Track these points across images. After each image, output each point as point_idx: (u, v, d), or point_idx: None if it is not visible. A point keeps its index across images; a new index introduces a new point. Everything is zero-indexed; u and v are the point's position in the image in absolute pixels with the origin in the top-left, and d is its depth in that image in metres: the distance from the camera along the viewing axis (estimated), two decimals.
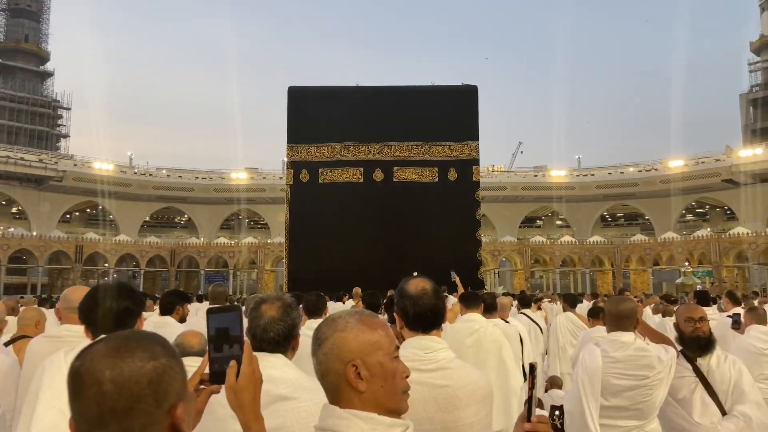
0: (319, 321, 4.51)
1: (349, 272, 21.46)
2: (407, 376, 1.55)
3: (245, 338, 1.45)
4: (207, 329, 1.40)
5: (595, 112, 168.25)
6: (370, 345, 1.49)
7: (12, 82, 63.39)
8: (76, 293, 3.21)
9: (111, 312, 2.47)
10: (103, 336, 1.24)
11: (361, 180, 27.00)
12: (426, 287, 2.45)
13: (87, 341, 2.44)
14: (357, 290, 11.77)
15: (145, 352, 1.05)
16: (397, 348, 1.56)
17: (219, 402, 1.49)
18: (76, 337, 2.77)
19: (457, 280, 9.80)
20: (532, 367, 1.55)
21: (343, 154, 27.26)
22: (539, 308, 11.76)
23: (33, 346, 3.31)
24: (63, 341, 2.97)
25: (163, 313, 5.09)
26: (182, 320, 5.07)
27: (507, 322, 6.61)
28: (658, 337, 3.52)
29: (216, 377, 1.38)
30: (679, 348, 3.47)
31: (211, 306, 1.49)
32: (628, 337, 3.35)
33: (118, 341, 1.07)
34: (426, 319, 2.34)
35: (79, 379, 1.02)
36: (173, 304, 5.12)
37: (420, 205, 26.12)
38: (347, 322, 1.52)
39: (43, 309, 10.58)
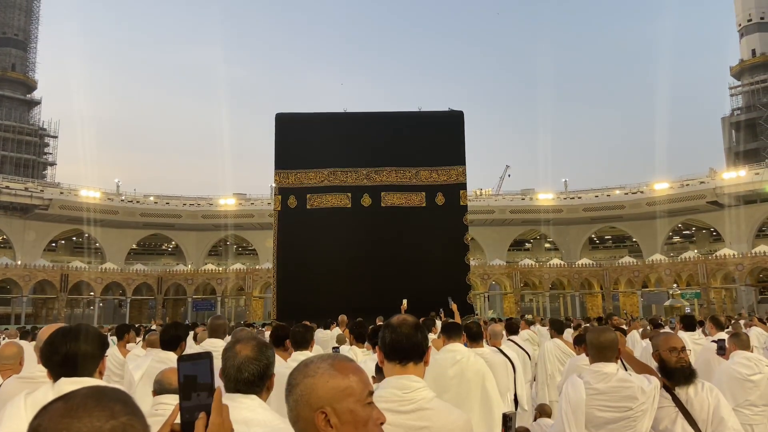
0: (306, 353, 4.48)
1: (337, 298, 21.34)
2: (382, 423, 1.51)
3: (217, 386, 1.36)
4: (177, 377, 1.35)
5: (580, 135, 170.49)
6: (340, 391, 1.45)
7: None
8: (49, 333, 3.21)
9: (70, 357, 2.44)
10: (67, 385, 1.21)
11: (349, 205, 27.01)
12: (407, 319, 2.44)
13: (50, 383, 2.45)
14: (342, 317, 11.69)
15: (103, 411, 1.02)
16: (371, 393, 1.51)
17: None
18: (48, 379, 2.75)
19: (454, 307, 9.78)
20: (506, 417, 1.53)
21: (330, 180, 27.30)
22: (529, 326, 11.70)
23: (5, 387, 3.30)
24: (36, 382, 2.94)
25: (165, 348, 4.86)
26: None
27: (500, 350, 6.57)
28: (641, 367, 3.50)
29: (186, 427, 1.30)
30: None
31: (182, 354, 1.43)
32: (610, 368, 3.32)
33: (76, 400, 1.04)
34: (401, 349, 2.32)
35: None
36: (179, 339, 4.92)
37: (408, 230, 26.13)
38: (318, 368, 1.49)
39: (24, 342, 10.41)
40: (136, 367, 5.17)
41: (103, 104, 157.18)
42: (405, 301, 12.94)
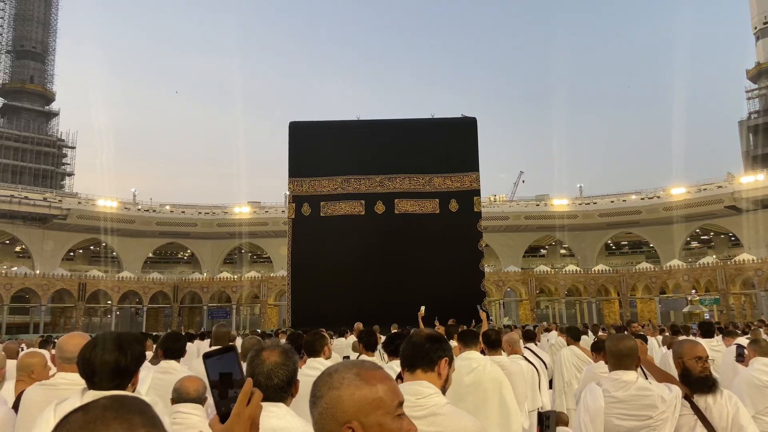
0: (320, 360, 4.47)
1: (352, 305, 21.36)
2: None
3: (246, 378, 1.39)
4: (207, 374, 1.37)
5: (595, 140, 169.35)
6: (367, 404, 1.35)
7: (17, 122, 64.22)
8: (70, 343, 3.21)
9: (99, 368, 2.42)
10: (94, 397, 1.21)
11: (363, 213, 27.07)
12: (425, 331, 2.53)
13: (79, 392, 2.45)
14: (358, 325, 11.67)
15: (122, 423, 1.01)
16: (401, 404, 1.42)
17: None
18: (71, 386, 2.76)
19: (483, 316, 9.74)
20: (543, 416, 1.50)
21: (344, 188, 27.38)
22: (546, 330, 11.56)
23: (28, 394, 3.30)
24: (58, 389, 2.98)
25: (167, 356, 4.84)
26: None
27: (524, 357, 6.52)
28: (662, 376, 3.45)
29: (224, 419, 1.35)
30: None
31: (206, 351, 1.45)
32: (629, 375, 3.28)
33: (95, 411, 1.03)
34: (406, 356, 2.42)
35: None
36: (181, 348, 4.92)
37: (422, 237, 26.11)
38: (343, 378, 1.39)
39: (44, 351, 10.52)
40: (141, 381, 5.15)
41: (119, 114, 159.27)
42: (423, 308, 12.91)
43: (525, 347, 8.30)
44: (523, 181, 73.73)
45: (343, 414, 1.34)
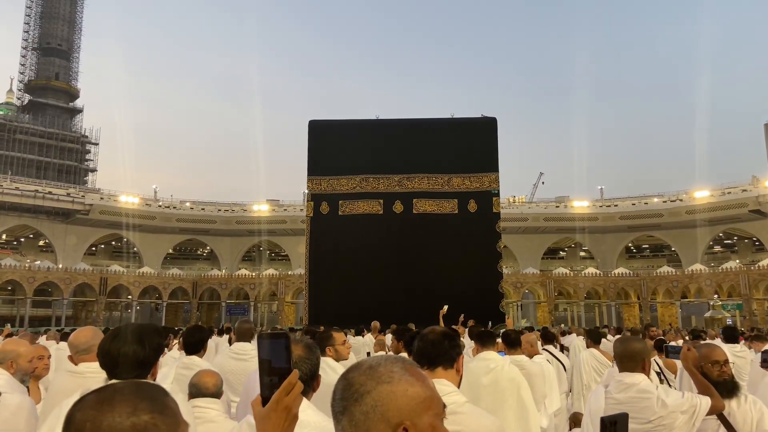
0: (325, 359, 4.40)
1: (369, 304, 21.34)
2: None
3: (291, 367, 1.34)
4: (258, 353, 1.36)
5: (617, 142, 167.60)
6: (420, 402, 1.18)
7: (42, 119, 65.36)
8: (80, 337, 3.34)
9: (118, 358, 2.43)
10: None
11: (381, 212, 27.05)
12: (438, 328, 2.55)
13: (103, 380, 2.42)
14: (375, 324, 11.63)
15: (127, 407, 1.04)
16: (446, 406, 1.27)
17: None
18: (96, 374, 2.78)
19: (509, 322, 9.66)
20: (606, 423, 1.39)
21: (363, 187, 27.39)
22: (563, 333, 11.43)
23: (55, 382, 3.43)
24: (84, 377, 3.09)
25: (189, 352, 4.81)
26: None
27: (553, 355, 6.45)
28: (704, 387, 3.35)
29: (264, 403, 1.34)
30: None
31: (261, 332, 1.43)
32: (632, 378, 3.25)
33: (106, 394, 1.07)
34: (426, 354, 2.42)
35: (67, 425, 1.05)
36: (202, 343, 4.88)
37: (440, 237, 26.02)
38: (392, 372, 1.21)
39: (63, 343, 10.66)
40: (164, 377, 5.18)
41: (142, 111, 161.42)
42: (445, 307, 12.84)
43: (543, 349, 8.22)
44: (543, 183, 73.11)
45: (397, 413, 1.16)
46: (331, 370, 3.89)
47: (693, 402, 3.11)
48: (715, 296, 43.67)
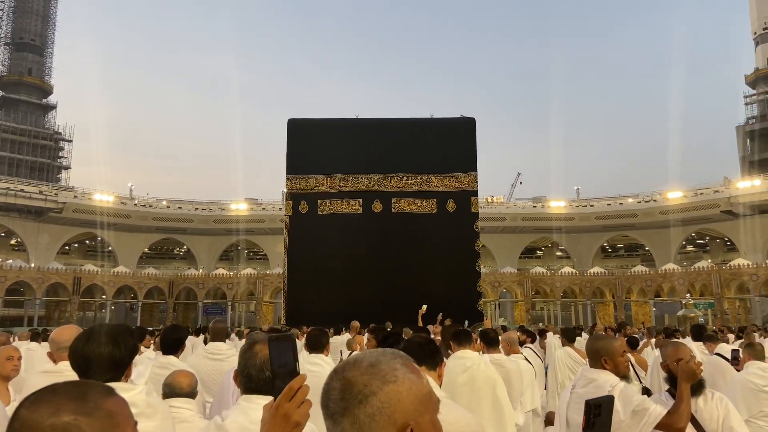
0: (321, 356, 4.43)
1: (347, 304, 21.37)
2: None
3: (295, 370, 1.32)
4: (269, 354, 1.34)
5: (593, 143, 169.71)
6: (423, 399, 1.12)
7: (14, 115, 64.02)
8: (64, 334, 3.26)
9: (89, 360, 2.39)
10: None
11: (360, 211, 27.06)
12: (423, 335, 2.78)
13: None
14: (355, 324, 11.65)
15: (50, 407, 1.03)
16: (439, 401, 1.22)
17: None
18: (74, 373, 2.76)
19: (488, 323, 9.81)
20: (591, 406, 1.41)
21: (342, 186, 27.36)
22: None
23: (29, 383, 3.37)
24: (63, 376, 2.98)
25: (165, 351, 4.77)
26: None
27: (524, 357, 6.53)
28: (679, 400, 3.42)
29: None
30: (666, 388, 3.44)
31: (272, 334, 1.42)
32: (594, 374, 3.36)
33: (43, 393, 1.06)
34: (415, 352, 2.43)
35: (10, 422, 1.05)
36: (179, 343, 4.84)
37: (419, 236, 26.12)
38: (395, 370, 1.12)
39: (35, 344, 10.48)
40: (138, 375, 5.13)
41: (117, 109, 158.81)
42: (424, 307, 12.90)
43: (526, 347, 8.33)
44: (521, 183, 73.88)
45: (402, 414, 1.09)
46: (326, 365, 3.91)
47: (645, 405, 3.11)
48: (688, 295, 44.43)
